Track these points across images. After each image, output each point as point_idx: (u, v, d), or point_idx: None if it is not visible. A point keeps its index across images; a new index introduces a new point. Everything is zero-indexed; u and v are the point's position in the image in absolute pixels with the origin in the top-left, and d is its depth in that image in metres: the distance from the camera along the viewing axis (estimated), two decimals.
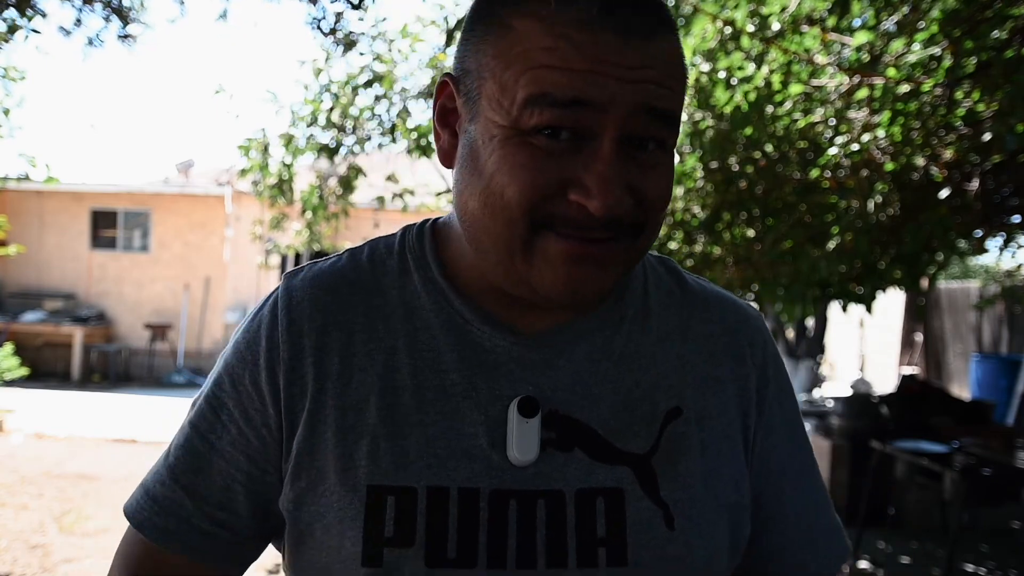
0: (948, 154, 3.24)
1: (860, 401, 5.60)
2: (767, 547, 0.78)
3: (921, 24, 2.95)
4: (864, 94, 3.10)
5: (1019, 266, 5.71)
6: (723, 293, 0.82)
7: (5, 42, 4.59)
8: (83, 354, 11.36)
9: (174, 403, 9.64)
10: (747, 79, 3.28)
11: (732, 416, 0.75)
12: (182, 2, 5.65)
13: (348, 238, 11.72)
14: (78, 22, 5.14)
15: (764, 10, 3.09)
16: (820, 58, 3.15)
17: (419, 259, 0.75)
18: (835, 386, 11.07)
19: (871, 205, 3.30)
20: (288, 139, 5.55)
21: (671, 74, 0.62)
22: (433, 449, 0.67)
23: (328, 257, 0.77)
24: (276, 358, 0.70)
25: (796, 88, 3.26)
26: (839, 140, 3.34)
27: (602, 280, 0.65)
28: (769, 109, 3.45)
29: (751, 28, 3.09)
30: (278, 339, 0.70)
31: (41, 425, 7.80)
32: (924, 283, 5.33)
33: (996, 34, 2.67)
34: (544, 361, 0.71)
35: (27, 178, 6.19)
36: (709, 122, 3.58)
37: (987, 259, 15.95)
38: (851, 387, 7.93)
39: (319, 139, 5.49)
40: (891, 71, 2.99)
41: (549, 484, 0.67)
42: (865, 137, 3.17)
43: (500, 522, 0.66)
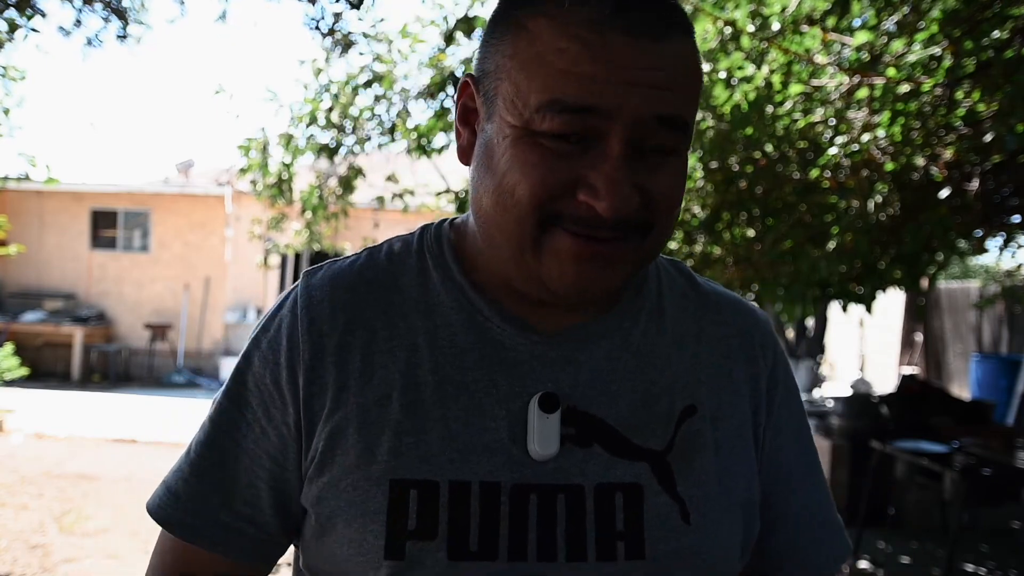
0: (948, 154, 3.24)
1: (860, 401, 5.60)
2: (773, 545, 0.80)
3: (921, 24, 2.95)
4: (864, 94, 3.10)
5: (1019, 266, 5.71)
6: (733, 296, 0.84)
7: (8, 41, 4.59)
8: (83, 354, 11.37)
9: (174, 403, 9.64)
10: (747, 79, 3.28)
11: (744, 416, 0.77)
12: (182, 2, 5.65)
13: (348, 238, 11.71)
14: (78, 22, 5.14)
15: (765, 10, 3.09)
16: (820, 58, 3.15)
17: (438, 258, 0.76)
18: (835, 386, 11.07)
19: (871, 205, 3.30)
20: (288, 139, 5.55)
21: (682, 75, 0.63)
22: (455, 444, 0.68)
23: (347, 256, 0.79)
24: (296, 358, 0.71)
25: (796, 88, 3.25)
26: (839, 140, 3.34)
27: (610, 278, 0.66)
28: (769, 109, 3.45)
29: (751, 28, 3.08)
30: (298, 339, 0.72)
31: (41, 425, 7.80)
32: (924, 283, 5.33)
33: (996, 34, 2.67)
34: (563, 358, 0.72)
35: (27, 178, 6.19)
36: (709, 122, 3.58)
37: (987, 259, 15.95)
38: (851, 387, 7.93)
39: (319, 139, 5.48)
40: (891, 71, 2.99)
41: (569, 479, 0.69)
42: (865, 137, 3.17)
43: (521, 516, 0.67)
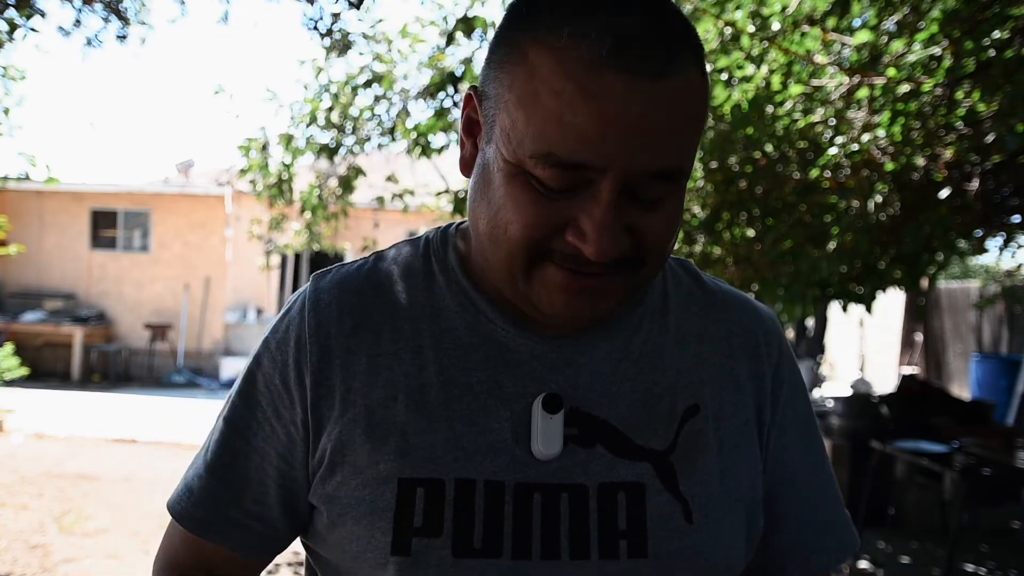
0: (948, 154, 3.24)
1: (860, 401, 5.60)
2: (776, 544, 0.80)
3: (921, 24, 2.95)
4: (864, 94, 3.10)
5: (1019, 266, 5.71)
6: (739, 294, 0.84)
7: (8, 41, 4.58)
8: (83, 354, 11.37)
9: (174, 403, 9.64)
10: (747, 79, 3.27)
11: (748, 414, 0.77)
12: (182, 2, 5.64)
13: (348, 238, 11.72)
14: (77, 22, 5.14)
15: (765, 10, 3.09)
16: (820, 58, 3.15)
17: (443, 262, 0.77)
18: (835, 386, 11.07)
19: (871, 205, 3.30)
20: (287, 139, 5.55)
21: (682, 117, 0.61)
22: (460, 443, 0.70)
23: (356, 260, 0.81)
24: (304, 359, 0.73)
25: (796, 88, 3.25)
26: (839, 140, 3.34)
27: (600, 309, 0.67)
28: (769, 109, 3.45)
29: (751, 28, 3.08)
30: (305, 340, 0.73)
31: (41, 425, 7.80)
32: (924, 283, 5.33)
33: (996, 34, 2.67)
34: (565, 360, 0.73)
35: (27, 178, 6.19)
36: (710, 122, 3.58)
37: (987, 259, 15.96)
38: (851, 387, 7.93)
39: (318, 139, 5.48)
40: (891, 71, 2.99)
41: (572, 478, 0.70)
42: (865, 137, 3.17)
43: (524, 514, 0.68)
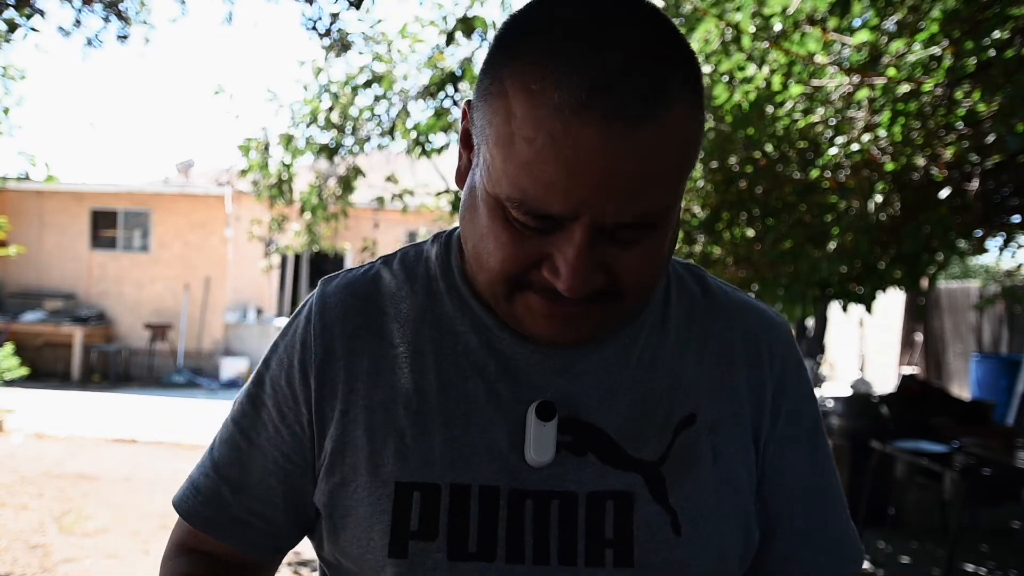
0: (948, 154, 3.24)
1: (860, 401, 5.59)
2: (775, 556, 0.79)
3: (921, 24, 2.95)
4: (865, 95, 3.10)
5: (1019, 266, 5.71)
6: (748, 300, 0.83)
7: (6, 41, 4.58)
8: (83, 354, 11.37)
9: (174, 403, 9.64)
10: (748, 80, 3.27)
11: (745, 425, 0.76)
12: (183, 2, 5.64)
13: (347, 238, 11.72)
14: (77, 22, 5.14)
15: (766, 10, 3.09)
16: (820, 58, 3.15)
17: (444, 269, 0.78)
18: (835, 386, 11.07)
19: (871, 205, 3.30)
20: (287, 139, 5.55)
21: (659, 160, 0.59)
22: (457, 449, 0.71)
23: (363, 265, 0.82)
24: (308, 360, 0.75)
25: (796, 88, 3.25)
26: (839, 140, 3.34)
27: (581, 333, 0.68)
28: (769, 109, 3.45)
29: (752, 29, 3.08)
30: (311, 342, 0.75)
31: (41, 425, 7.80)
32: (924, 283, 5.33)
33: (996, 34, 2.67)
34: (561, 368, 0.73)
35: (27, 177, 6.19)
36: (710, 123, 3.58)
37: (987, 259, 15.96)
38: (851, 387, 7.94)
39: (318, 139, 5.48)
40: (891, 71, 2.99)
41: (563, 485, 0.70)
42: (865, 137, 3.17)
43: (517, 520, 0.69)
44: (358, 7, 4.76)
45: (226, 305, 12.04)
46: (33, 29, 4.58)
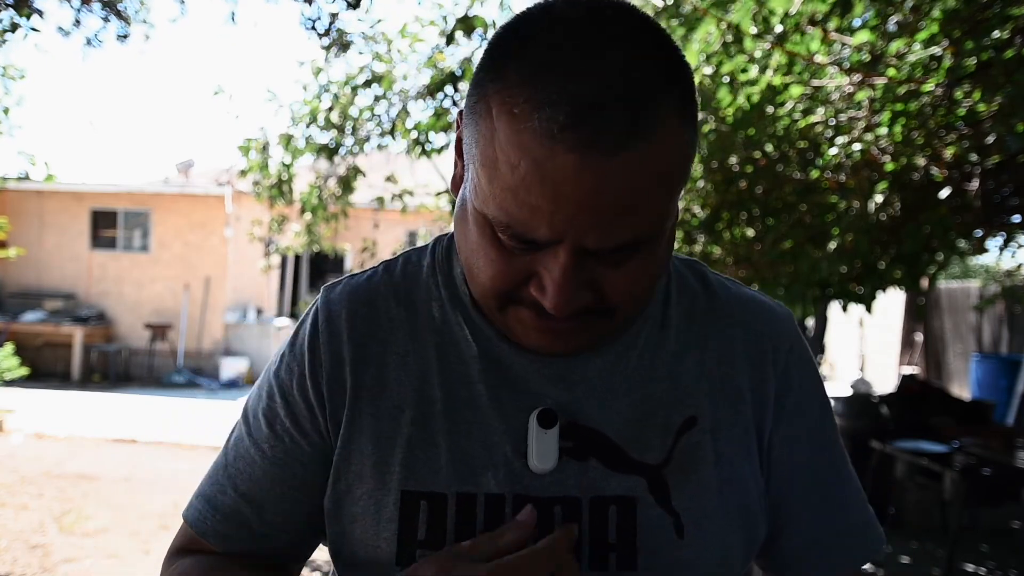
0: (948, 154, 3.24)
1: (860, 401, 5.59)
2: (790, 548, 0.79)
3: (921, 24, 2.95)
4: (865, 95, 3.10)
5: (1019, 266, 5.70)
6: (751, 296, 0.82)
7: (5, 42, 4.58)
8: (83, 354, 11.37)
9: (174, 403, 9.64)
10: (751, 82, 3.27)
11: (747, 424, 0.76)
12: (182, 1, 5.64)
13: (348, 239, 11.72)
14: (77, 22, 5.14)
15: (766, 10, 3.08)
16: (821, 58, 3.15)
17: (446, 275, 0.78)
18: (835, 386, 11.07)
19: (871, 205, 3.29)
20: (287, 139, 5.55)
21: (643, 186, 0.58)
22: (462, 457, 0.71)
23: (365, 270, 0.82)
24: (318, 367, 0.75)
25: (797, 89, 3.25)
26: (839, 140, 3.34)
27: (571, 346, 0.68)
28: (769, 109, 3.45)
29: (754, 30, 3.08)
30: (319, 349, 0.75)
31: (41, 425, 7.80)
32: (924, 283, 5.33)
33: (996, 34, 2.67)
34: (560, 375, 0.73)
35: (27, 177, 6.19)
36: (711, 124, 3.58)
37: (987, 259, 15.96)
38: (851, 387, 7.94)
39: (318, 139, 5.48)
40: (891, 71, 2.98)
41: (565, 491, 0.71)
42: (866, 137, 3.17)
43: None
44: (356, 7, 4.76)
45: (226, 305, 12.04)
46: (33, 29, 4.58)
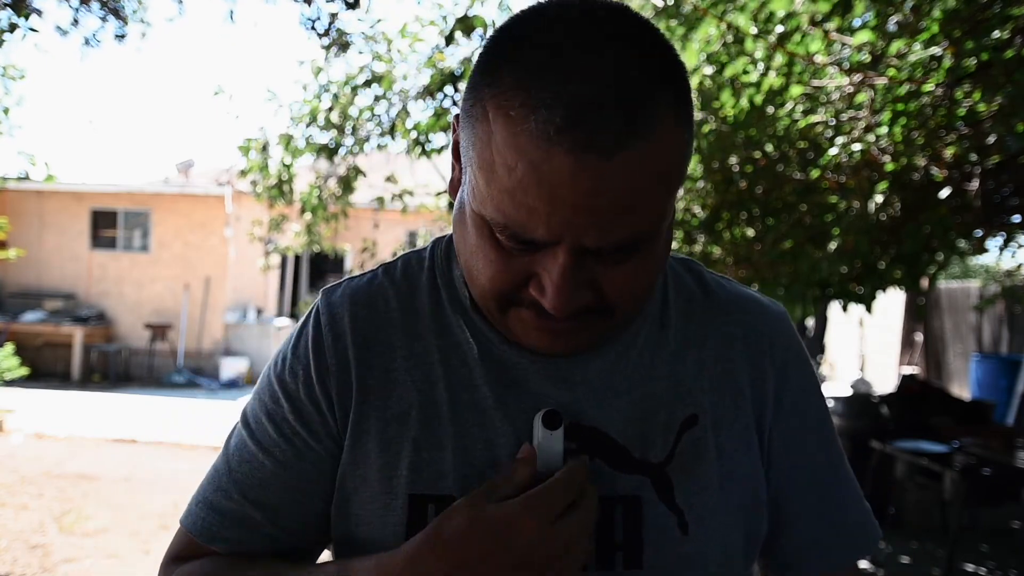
0: (948, 154, 3.24)
1: (860, 401, 5.59)
2: (789, 544, 0.79)
3: (922, 24, 2.94)
4: (865, 96, 3.10)
5: (1019, 266, 5.70)
6: (746, 293, 0.83)
7: (2, 42, 4.58)
8: (83, 354, 11.36)
9: (174, 403, 9.64)
10: (755, 84, 3.27)
11: (748, 419, 0.77)
12: (180, 1, 5.64)
13: (347, 239, 11.72)
14: (75, 22, 5.14)
15: (767, 10, 3.08)
16: (821, 58, 3.14)
17: (446, 277, 0.79)
18: (835, 386, 11.07)
19: (871, 205, 3.29)
20: (287, 139, 5.55)
21: (640, 186, 0.58)
22: (468, 460, 0.72)
23: (363, 273, 0.81)
24: (325, 369, 0.74)
25: (797, 89, 3.25)
26: (839, 140, 3.33)
27: (572, 345, 0.68)
28: (770, 109, 3.44)
29: (754, 31, 3.08)
30: (324, 351, 0.75)
31: (41, 425, 7.80)
32: (924, 283, 5.32)
33: (997, 34, 2.67)
34: (563, 376, 0.74)
35: (27, 177, 6.19)
36: (711, 124, 3.58)
37: (987, 259, 15.96)
38: (851, 387, 7.94)
39: (318, 139, 5.48)
40: (892, 71, 2.98)
41: None
42: (866, 137, 3.17)
43: None
44: (356, 7, 4.76)
45: (226, 305, 12.04)
46: (32, 29, 4.58)
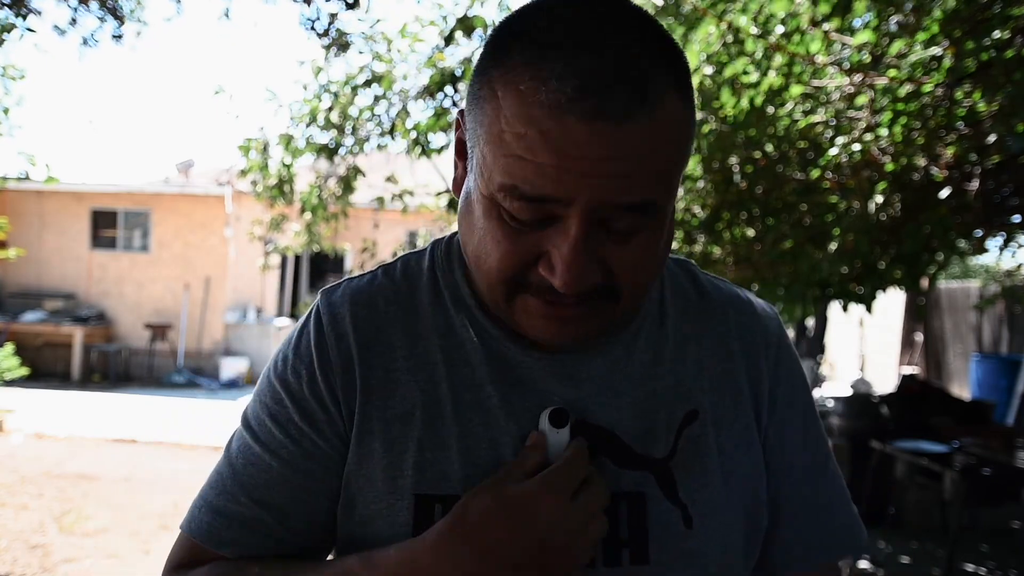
0: (948, 154, 3.23)
1: (860, 401, 5.59)
2: (778, 541, 0.80)
3: (922, 24, 2.94)
4: (865, 98, 3.10)
5: (1019, 266, 5.70)
6: (738, 293, 0.85)
7: (1, 41, 4.57)
8: (83, 354, 11.36)
9: (174, 403, 9.64)
10: (754, 84, 3.27)
11: (747, 416, 0.78)
12: (178, 0, 5.63)
13: (347, 239, 11.71)
14: (73, 22, 5.13)
15: (768, 9, 3.08)
16: (821, 58, 3.14)
17: (448, 276, 0.79)
18: (835, 386, 11.07)
19: (871, 205, 3.29)
20: (287, 139, 5.54)
21: (649, 151, 0.60)
22: (474, 459, 0.71)
23: (363, 274, 0.81)
24: (329, 368, 0.74)
25: (797, 89, 3.25)
26: (840, 140, 3.33)
27: (579, 333, 0.68)
28: (770, 109, 3.44)
29: (754, 31, 3.08)
30: (328, 351, 0.74)
31: (41, 425, 7.80)
32: (924, 283, 5.32)
33: (997, 34, 2.66)
34: (567, 374, 0.74)
35: (27, 178, 6.18)
36: (711, 124, 3.58)
37: (987, 259, 15.96)
38: (851, 387, 7.93)
39: (318, 139, 5.48)
40: (892, 71, 2.98)
41: None
42: (866, 137, 3.17)
43: None
44: (355, 7, 4.76)
45: (226, 305, 12.04)
46: (29, 30, 4.57)
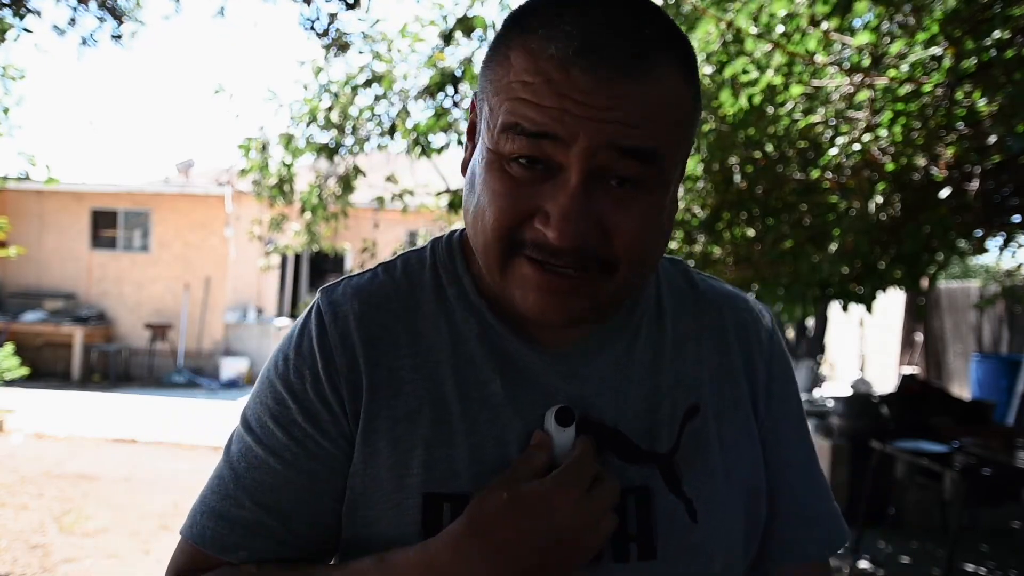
0: (948, 154, 3.23)
1: (860, 401, 5.59)
2: (770, 533, 0.81)
3: (923, 24, 2.94)
4: (865, 96, 3.09)
5: (1019, 266, 5.70)
6: (731, 291, 0.86)
7: (1, 41, 4.57)
8: (83, 354, 11.36)
9: (174, 403, 9.64)
10: (752, 83, 3.27)
11: (745, 409, 0.79)
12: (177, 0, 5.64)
13: (347, 238, 11.71)
14: (72, 21, 5.13)
15: (768, 9, 3.08)
16: (821, 58, 3.14)
17: (451, 273, 0.78)
18: (835, 386, 11.06)
19: (871, 205, 3.29)
20: (287, 139, 5.54)
21: (651, 111, 0.62)
22: (481, 457, 0.71)
23: (363, 272, 0.81)
24: (333, 367, 0.73)
25: (797, 89, 3.25)
26: (840, 140, 3.33)
27: (570, 309, 0.67)
28: (770, 109, 3.44)
29: (754, 31, 3.08)
30: (331, 350, 0.73)
31: (41, 425, 7.80)
32: (924, 283, 5.32)
33: (997, 34, 2.66)
34: (571, 371, 0.75)
35: (27, 178, 6.18)
36: (711, 124, 3.58)
37: (987, 259, 15.96)
38: (851, 387, 7.93)
39: (318, 139, 5.48)
40: (892, 71, 2.98)
41: None
42: (866, 137, 3.17)
43: None
44: (355, 7, 4.76)
45: (226, 305, 12.04)
46: (27, 30, 4.57)
